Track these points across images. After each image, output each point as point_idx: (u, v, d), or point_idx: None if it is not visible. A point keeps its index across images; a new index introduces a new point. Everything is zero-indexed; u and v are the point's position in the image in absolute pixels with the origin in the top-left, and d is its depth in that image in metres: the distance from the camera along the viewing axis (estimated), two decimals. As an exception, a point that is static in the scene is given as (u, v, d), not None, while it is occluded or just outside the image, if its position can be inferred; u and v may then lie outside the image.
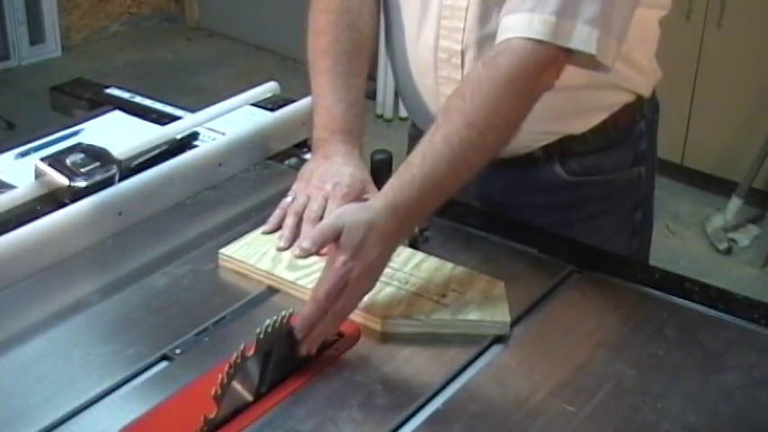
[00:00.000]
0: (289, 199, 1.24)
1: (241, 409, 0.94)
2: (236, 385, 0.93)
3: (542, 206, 1.36)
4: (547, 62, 1.10)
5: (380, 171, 1.31)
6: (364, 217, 1.04)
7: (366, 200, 1.25)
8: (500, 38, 1.12)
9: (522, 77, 1.10)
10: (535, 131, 1.27)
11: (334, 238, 1.03)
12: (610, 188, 1.37)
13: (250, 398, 0.95)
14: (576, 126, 1.31)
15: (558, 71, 1.13)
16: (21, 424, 0.93)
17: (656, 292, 1.18)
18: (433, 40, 1.29)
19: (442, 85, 1.31)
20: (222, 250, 1.19)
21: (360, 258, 1.02)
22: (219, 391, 0.89)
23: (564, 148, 1.32)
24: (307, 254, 1.04)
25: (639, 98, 1.34)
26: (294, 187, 1.26)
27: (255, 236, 1.22)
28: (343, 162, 1.26)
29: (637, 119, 1.35)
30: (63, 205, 1.23)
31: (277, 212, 1.24)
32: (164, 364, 1.03)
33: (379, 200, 1.07)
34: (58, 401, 0.96)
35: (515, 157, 1.31)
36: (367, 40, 1.34)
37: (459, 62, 1.28)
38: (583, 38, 1.09)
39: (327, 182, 1.23)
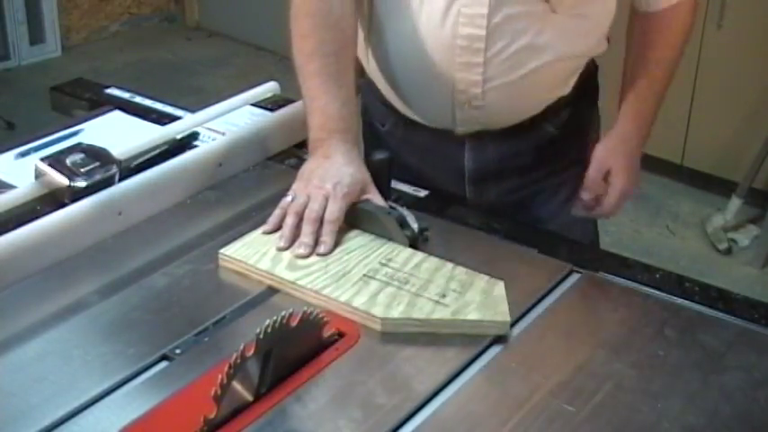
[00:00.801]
0: (288, 198, 1.24)
1: (241, 409, 0.94)
2: (236, 385, 0.93)
3: (532, 164, 1.48)
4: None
5: (380, 171, 1.31)
6: (626, 148, 1.45)
7: (366, 200, 1.26)
8: (657, 5, 1.43)
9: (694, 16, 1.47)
10: (544, 99, 1.44)
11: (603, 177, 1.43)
12: (582, 130, 1.53)
13: (250, 398, 0.95)
14: (570, 86, 1.46)
15: None
16: (21, 424, 0.93)
17: (656, 292, 1.18)
18: (451, 28, 1.33)
19: (460, 71, 1.36)
20: (222, 250, 1.19)
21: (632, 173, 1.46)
22: (219, 392, 0.89)
23: (554, 105, 1.46)
24: (587, 190, 1.44)
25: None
26: (294, 187, 1.26)
27: (255, 236, 1.22)
28: (344, 162, 1.26)
29: (593, 68, 1.53)
30: (63, 205, 1.23)
31: (277, 212, 1.24)
32: (164, 364, 1.03)
33: (628, 123, 1.46)
34: (58, 401, 0.96)
35: (517, 124, 1.44)
36: (350, 38, 1.37)
37: (482, 46, 1.33)
38: None
39: (328, 181, 1.23)
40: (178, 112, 1.59)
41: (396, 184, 1.37)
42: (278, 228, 1.22)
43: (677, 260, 3.01)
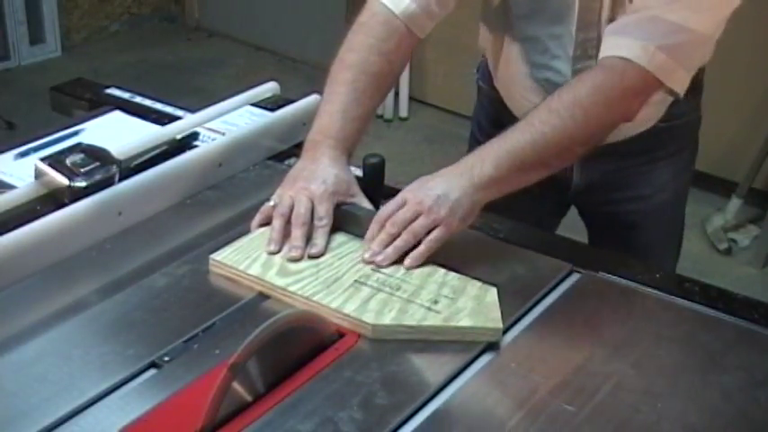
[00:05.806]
0: (270, 203, 1.24)
1: (241, 409, 0.94)
2: (236, 385, 0.93)
3: (632, 152, 1.50)
4: (635, 84, 1.24)
5: (373, 175, 1.31)
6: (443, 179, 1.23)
7: (352, 203, 1.26)
8: (602, 55, 1.26)
9: (609, 87, 1.23)
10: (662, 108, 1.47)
11: None
12: (683, 127, 1.57)
13: (250, 398, 0.95)
14: None
15: (642, 101, 1.27)
16: (21, 424, 0.93)
17: (656, 292, 1.18)
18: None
19: None
20: (213, 255, 1.18)
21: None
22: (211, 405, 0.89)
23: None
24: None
25: None
26: (278, 190, 1.26)
27: (246, 241, 1.21)
28: (330, 164, 1.26)
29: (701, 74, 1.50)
30: (63, 205, 1.23)
31: (258, 218, 1.24)
32: (164, 364, 1.03)
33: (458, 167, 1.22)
34: (58, 401, 0.96)
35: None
36: (392, 74, 1.38)
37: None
38: (680, 81, 1.27)
39: (313, 182, 1.24)
40: (178, 112, 1.59)
41: (396, 185, 1.37)
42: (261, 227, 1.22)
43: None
